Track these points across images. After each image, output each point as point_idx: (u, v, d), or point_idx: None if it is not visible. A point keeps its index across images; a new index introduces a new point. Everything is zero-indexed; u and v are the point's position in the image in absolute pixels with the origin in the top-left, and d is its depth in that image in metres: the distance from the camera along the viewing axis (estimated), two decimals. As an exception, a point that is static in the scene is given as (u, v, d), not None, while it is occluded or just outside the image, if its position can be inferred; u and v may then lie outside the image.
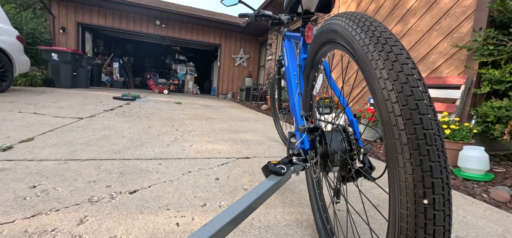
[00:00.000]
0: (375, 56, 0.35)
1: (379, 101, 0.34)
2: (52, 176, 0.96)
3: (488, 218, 0.95)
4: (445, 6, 2.27)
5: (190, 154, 1.44)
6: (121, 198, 0.84)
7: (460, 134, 1.61)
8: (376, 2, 3.15)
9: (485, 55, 1.80)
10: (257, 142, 1.94)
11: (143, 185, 0.96)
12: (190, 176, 1.10)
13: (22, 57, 3.82)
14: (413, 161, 0.29)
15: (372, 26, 0.39)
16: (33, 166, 1.05)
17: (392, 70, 0.33)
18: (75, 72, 5.70)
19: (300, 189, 1.07)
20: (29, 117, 2.00)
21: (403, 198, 0.30)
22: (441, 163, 0.29)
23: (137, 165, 1.17)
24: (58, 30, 6.96)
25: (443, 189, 0.29)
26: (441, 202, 0.29)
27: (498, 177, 1.46)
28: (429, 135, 0.29)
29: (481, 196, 1.21)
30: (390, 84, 0.33)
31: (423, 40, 2.48)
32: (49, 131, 1.64)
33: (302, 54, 0.82)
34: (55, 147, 1.33)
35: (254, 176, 1.18)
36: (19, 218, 0.68)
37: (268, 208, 0.88)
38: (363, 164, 0.58)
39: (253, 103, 6.35)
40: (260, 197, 0.54)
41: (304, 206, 0.92)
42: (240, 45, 8.68)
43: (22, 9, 7.09)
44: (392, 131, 0.32)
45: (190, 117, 2.96)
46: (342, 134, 0.61)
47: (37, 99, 3.11)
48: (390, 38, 0.36)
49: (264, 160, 1.48)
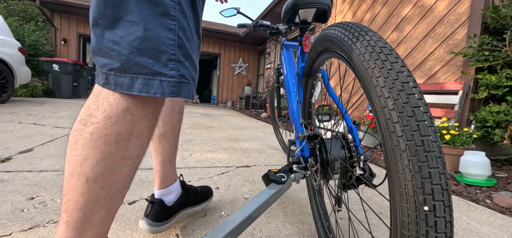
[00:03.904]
0: (371, 64, 0.36)
1: (377, 109, 0.34)
2: (51, 187, 0.95)
3: (493, 225, 0.94)
4: (439, 14, 2.33)
5: (190, 163, 1.44)
6: (120, 209, 0.83)
7: (460, 139, 1.61)
8: (371, 11, 3.22)
9: (481, 61, 1.83)
10: (257, 150, 1.93)
11: (142, 195, 0.95)
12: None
13: (23, 68, 3.85)
14: (412, 168, 0.29)
15: (367, 35, 0.40)
16: (31, 177, 1.04)
17: (388, 78, 0.34)
18: (75, 82, 5.74)
19: (301, 197, 1.06)
20: (29, 128, 2.00)
21: (404, 205, 0.30)
22: (440, 169, 0.29)
23: (137, 175, 1.16)
24: (59, 41, 7.06)
25: (443, 195, 0.29)
26: (442, 208, 0.29)
27: (500, 182, 1.45)
28: (426, 141, 0.30)
29: (485, 201, 1.20)
30: (386, 91, 0.33)
31: (419, 47, 2.52)
32: (49, 141, 1.64)
33: (300, 63, 0.83)
34: (54, 157, 1.33)
35: (255, 184, 1.17)
36: (16, 231, 0.67)
37: (269, 217, 0.87)
38: (364, 171, 0.58)
39: (253, 111, 6.37)
40: (260, 206, 0.53)
41: (306, 215, 0.91)
42: (239, 54, 8.79)
43: (25, 22, 7.24)
44: (391, 137, 0.32)
45: (190, 126, 2.96)
46: (342, 141, 0.61)
47: (37, 110, 3.12)
48: (385, 47, 0.37)
49: (265, 168, 1.47)
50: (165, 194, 0.72)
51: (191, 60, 0.37)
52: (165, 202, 0.71)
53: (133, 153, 0.36)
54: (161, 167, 0.70)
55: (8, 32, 3.77)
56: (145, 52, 0.32)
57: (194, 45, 0.38)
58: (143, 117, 0.36)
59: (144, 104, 0.35)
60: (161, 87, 0.34)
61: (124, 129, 0.34)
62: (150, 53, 0.32)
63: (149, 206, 0.70)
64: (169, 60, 0.34)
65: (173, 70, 0.34)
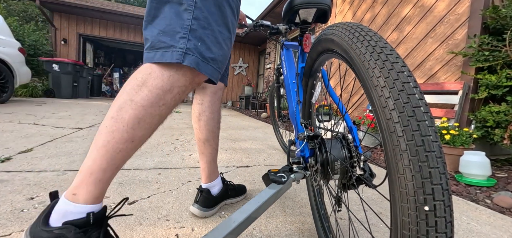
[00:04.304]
0: (371, 64, 0.36)
1: (377, 109, 0.34)
2: (50, 187, 0.95)
3: (493, 224, 0.94)
4: (439, 14, 2.33)
5: (190, 163, 1.44)
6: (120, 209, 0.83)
7: (460, 139, 1.61)
8: (371, 11, 3.22)
9: (481, 61, 1.83)
10: (257, 150, 1.93)
11: (142, 195, 0.95)
12: (190, 185, 1.09)
13: (23, 68, 3.85)
14: (413, 167, 0.29)
15: (368, 36, 0.40)
16: (31, 177, 1.04)
17: (388, 78, 0.34)
18: (75, 82, 5.74)
19: (301, 197, 1.06)
20: (29, 128, 2.00)
21: (404, 205, 0.30)
22: (440, 169, 0.29)
23: (136, 175, 1.16)
24: (59, 41, 7.06)
25: (443, 195, 0.29)
26: (442, 208, 0.29)
27: (500, 182, 1.45)
28: (427, 141, 0.30)
29: (485, 201, 1.20)
30: (387, 91, 0.33)
31: (419, 47, 2.52)
32: (49, 142, 1.63)
33: (301, 63, 0.83)
34: (54, 157, 1.32)
35: (255, 184, 1.17)
36: (16, 231, 0.67)
37: (269, 217, 0.87)
38: (364, 171, 0.58)
39: (253, 111, 6.37)
40: (261, 206, 0.53)
41: (306, 215, 0.91)
42: (239, 54, 8.79)
43: (25, 22, 7.23)
44: (391, 137, 0.32)
45: (190, 126, 2.96)
46: (342, 141, 0.61)
47: (37, 110, 3.12)
48: (385, 47, 0.37)
49: (265, 168, 1.47)
50: (211, 187, 0.87)
51: (203, 42, 0.48)
52: (211, 192, 0.86)
53: (145, 103, 0.47)
54: (207, 165, 0.86)
55: (8, 32, 3.76)
56: (166, 33, 0.47)
57: (214, 33, 0.50)
58: (159, 77, 0.48)
59: (161, 68, 0.48)
60: (171, 56, 0.46)
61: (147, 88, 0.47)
62: (169, 33, 0.47)
63: (198, 194, 0.84)
64: (181, 38, 0.46)
65: (182, 44, 0.46)
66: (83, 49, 7.59)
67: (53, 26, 6.94)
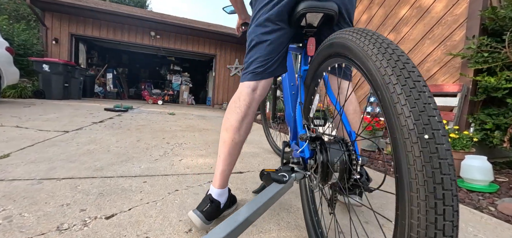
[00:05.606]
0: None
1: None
2: (21, 199, 0.86)
3: (500, 236, 0.88)
4: (437, 15, 2.30)
5: (179, 169, 1.35)
6: (95, 225, 0.74)
7: (461, 143, 1.56)
8: (368, 12, 3.19)
9: (480, 62, 1.80)
10: (252, 154, 1.86)
11: (123, 207, 0.87)
12: (177, 195, 1.01)
13: (11, 68, 3.71)
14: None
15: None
16: (1, 187, 0.94)
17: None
18: (67, 83, 5.58)
19: (297, 207, 0.99)
20: (11, 131, 1.89)
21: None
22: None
23: (120, 184, 1.07)
24: (50, 41, 6.88)
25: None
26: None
27: (502, 187, 1.40)
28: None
29: (489, 209, 1.15)
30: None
31: (417, 49, 2.49)
32: (29, 146, 1.53)
33: (303, 66, 0.83)
34: (32, 164, 1.23)
35: (247, 194, 1.10)
36: (-31, 254, 0.58)
37: (261, 233, 0.79)
38: (361, 175, 0.57)
39: (249, 113, 6.28)
40: (261, 207, 0.52)
41: (301, 229, 0.84)
42: (235, 55, 8.72)
43: (16, 21, 7.03)
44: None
45: (183, 129, 2.87)
46: (342, 145, 0.60)
47: (23, 112, 2.99)
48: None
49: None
50: (222, 194, 0.81)
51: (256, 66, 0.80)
52: (221, 205, 0.81)
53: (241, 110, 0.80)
54: (229, 168, 0.83)
55: (-6, 31, 3.62)
56: (250, 63, 0.80)
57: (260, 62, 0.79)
58: (247, 91, 0.80)
59: (247, 87, 0.81)
60: (246, 77, 0.81)
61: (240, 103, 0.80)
62: (250, 64, 0.80)
63: (207, 203, 0.77)
64: (256, 67, 0.79)
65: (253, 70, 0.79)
66: (75, 49, 7.42)
67: (44, 25, 6.76)
